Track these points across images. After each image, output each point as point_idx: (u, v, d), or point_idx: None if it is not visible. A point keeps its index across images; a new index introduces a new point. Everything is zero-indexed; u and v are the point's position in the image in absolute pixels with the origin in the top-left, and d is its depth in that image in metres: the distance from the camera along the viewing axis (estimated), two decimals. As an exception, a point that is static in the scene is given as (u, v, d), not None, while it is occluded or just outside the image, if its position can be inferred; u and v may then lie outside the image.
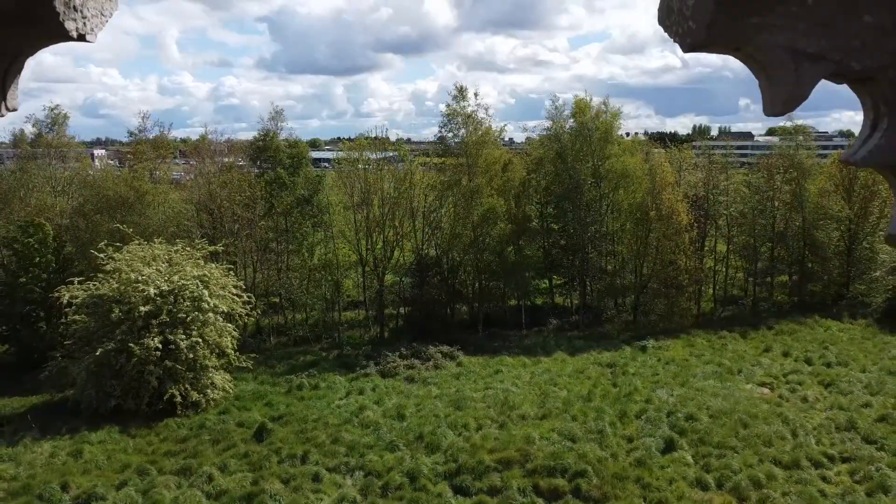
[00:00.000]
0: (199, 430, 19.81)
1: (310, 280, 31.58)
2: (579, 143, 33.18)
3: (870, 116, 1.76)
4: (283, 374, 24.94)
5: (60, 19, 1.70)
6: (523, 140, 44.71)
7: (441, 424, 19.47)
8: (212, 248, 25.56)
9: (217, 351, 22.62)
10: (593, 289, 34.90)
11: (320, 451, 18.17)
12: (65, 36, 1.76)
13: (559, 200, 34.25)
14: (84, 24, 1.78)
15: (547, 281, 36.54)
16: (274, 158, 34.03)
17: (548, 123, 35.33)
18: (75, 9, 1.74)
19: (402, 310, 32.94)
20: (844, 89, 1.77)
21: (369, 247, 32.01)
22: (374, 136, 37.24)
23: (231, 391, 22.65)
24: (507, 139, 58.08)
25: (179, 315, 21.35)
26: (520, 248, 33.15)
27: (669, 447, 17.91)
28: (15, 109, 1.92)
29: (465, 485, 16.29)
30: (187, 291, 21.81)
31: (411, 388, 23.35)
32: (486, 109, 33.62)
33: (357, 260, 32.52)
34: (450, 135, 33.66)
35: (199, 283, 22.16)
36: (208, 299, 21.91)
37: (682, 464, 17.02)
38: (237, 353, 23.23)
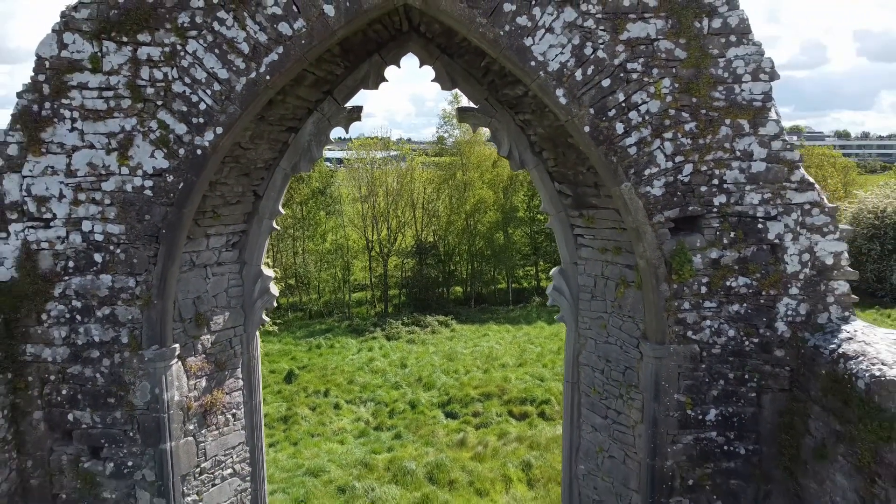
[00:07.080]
0: (238, 376, 24.20)
1: (322, 262, 35.99)
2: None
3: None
4: (303, 338, 29.32)
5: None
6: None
7: (436, 371, 23.88)
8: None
9: (249, 317, 26.97)
10: (574, 272, 39.13)
11: (339, 388, 22.60)
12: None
13: (543, 193, 38.49)
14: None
15: (533, 267, 40.88)
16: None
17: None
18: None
19: (403, 290, 37.32)
20: (844, 89, 3.27)
21: (375, 234, 36.44)
22: (378, 136, 41.70)
23: (261, 349, 27.03)
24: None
25: (220, 284, 25.71)
26: (508, 234, 37.53)
27: (619, 385, 22.28)
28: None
29: (454, 411, 20.69)
30: (225, 265, 26.18)
31: (412, 347, 27.75)
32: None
33: (364, 245, 36.95)
34: (446, 135, 38.17)
35: (235, 258, 26.53)
36: (243, 271, 26.28)
37: (627, 396, 21.42)
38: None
